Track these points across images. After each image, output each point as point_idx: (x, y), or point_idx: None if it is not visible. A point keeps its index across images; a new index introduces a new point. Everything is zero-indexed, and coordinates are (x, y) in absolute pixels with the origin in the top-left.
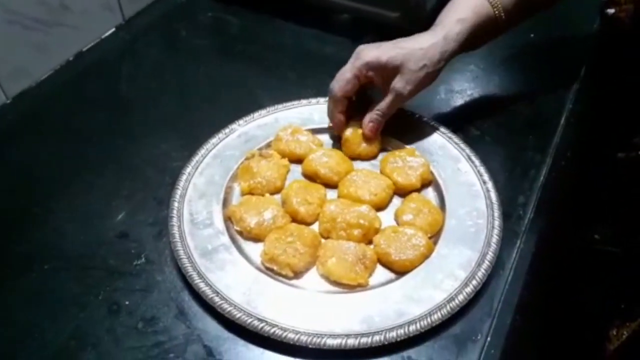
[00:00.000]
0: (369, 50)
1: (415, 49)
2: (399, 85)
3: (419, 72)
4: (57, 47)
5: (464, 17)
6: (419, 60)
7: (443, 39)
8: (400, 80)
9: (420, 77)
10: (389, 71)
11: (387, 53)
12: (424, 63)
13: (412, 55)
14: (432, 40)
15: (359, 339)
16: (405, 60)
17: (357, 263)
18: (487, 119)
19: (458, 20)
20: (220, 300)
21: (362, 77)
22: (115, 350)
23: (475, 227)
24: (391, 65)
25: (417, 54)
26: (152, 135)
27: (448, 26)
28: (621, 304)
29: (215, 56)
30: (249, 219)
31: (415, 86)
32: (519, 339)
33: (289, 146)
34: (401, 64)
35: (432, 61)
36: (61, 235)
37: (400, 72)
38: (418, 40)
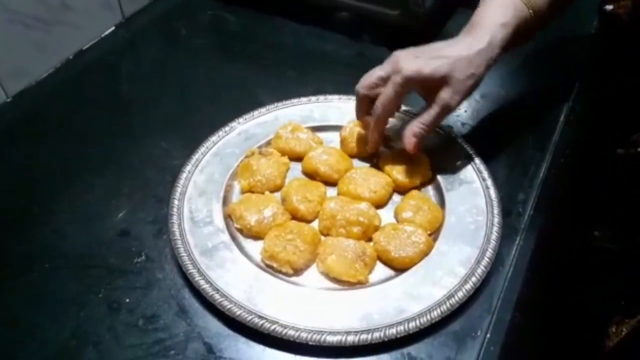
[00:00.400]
0: (408, 62)
1: (462, 57)
2: (447, 96)
3: (467, 81)
4: (57, 45)
5: (506, 22)
6: (466, 69)
7: (488, 45)
8: (448, 91)
9: (468, 86)
10: (433, 83)
11: (429, 64)
12: (472, 72)
13: (458, 64)
14: (478, 46)
15: (358, 335)
16: (451, 70)
17: (356, 260)
18: (487, 117)
19: (502, 24)
20: (221, 297)
21: (403, 92)
22: (116, 348)
23: (475, 224)
24: (436, 76)
25: (463, 62)
26: (151, 133)
27: (492, 31)
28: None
29: (214, 55)
30: (249, 217)
31: (463, 96)
32: (519, 335)
33: (288, 144)
34: (447, 74)
35: (479, 69)
36: (61, 234)
37: (447, 82)
38: (460, 46)
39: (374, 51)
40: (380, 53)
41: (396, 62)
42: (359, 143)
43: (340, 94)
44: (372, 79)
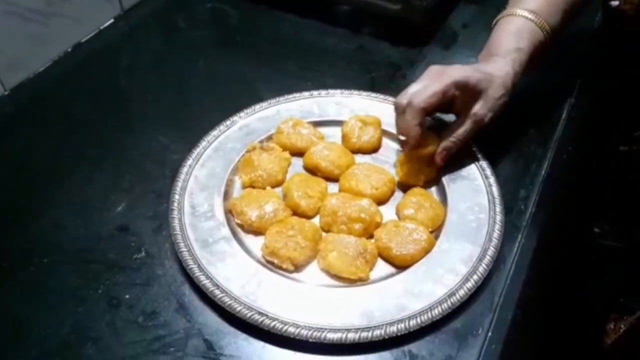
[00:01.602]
0: (452, 69)
1: (497, 77)
2: (482, 112)
3: (499, 100)
4: (55, 38)
5: (522, 48)
6: (500, 88)
7: (512, 69)
8: (483, 106)
9: (499, 104)
10: (472, 94)
11: (475, 75)
12: (503, 92)
13: (494, 82)
14: (507, 69)
15: (359, 333)
16: (489, 87)
17: (357, 257)
18: None
19: (518, 50)
20: (221, 293)
21: (448, 94)
22: (116, 344)
23: (477, 221)
24: (478, 88)
25: (498, 81)
26: (151, 127)
27: (510, 56)
28: (620, 298)
29: (214, 48)
30: (249, 212)
31: (495, 113)
32: (520, 333)
33: (290, 139)
34: (486, 89)
35: (508, 91)
36: (60, 228)
37: (483, 97)
38: (494, 67)
39: (374, 45)
40: (381, 47)
41: (440, 69)
42: (361, 137)
43: (341, 89)
44: (414, 88)
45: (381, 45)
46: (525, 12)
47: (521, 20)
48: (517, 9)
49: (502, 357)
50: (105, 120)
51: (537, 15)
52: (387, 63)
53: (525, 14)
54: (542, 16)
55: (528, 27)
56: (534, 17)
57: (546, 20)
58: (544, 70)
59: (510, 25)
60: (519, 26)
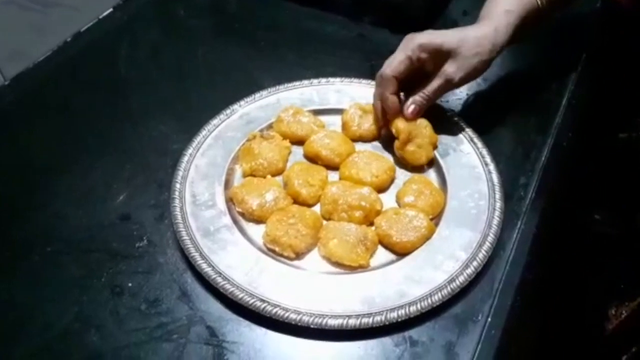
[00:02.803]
0: (421, 34)
1: (469, 37)
2: (450, 70)
3: (472, 59)
4: (54, 27)
5: (510, 9)
6: (473, 48)
7: (494, 30)
8: (452, 65)
9: (472, 64)
10: (442, 54)
11: (441, 36)
12: (477, 51)
13: (466, 41)
14: (484, 30)
15: (360, 319)
16: (459, 46)
17: (358, 244)
18: (489, 101)
19: (506, 11)
20: (223, 280)
21: (414, 58)
22: (119, 332)
23: (477, 208)
24: (446, 48)
25: (471, 41)
26: (151, 117)
27: (497, 18)
28: (620, 284)
29: (213, 36)
30: (250, 201)
31: (466, 73)
32: (520, 319)
33: (290, 127)
34: (455, 48)
35: (484, 50)
36: (62, 218)
37: (453, 56)
38: (469, 29)
39: (375, 33)
40: (380, 35)
41: (412, 34)
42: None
43: (341, 77)
44: (395, 62)
45: (381, 33)
46: None
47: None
48: None
49: (501, 342)
50: (106, 110)
51: None
52: (387, 51)
53: None
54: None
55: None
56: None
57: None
58: (544, 57)
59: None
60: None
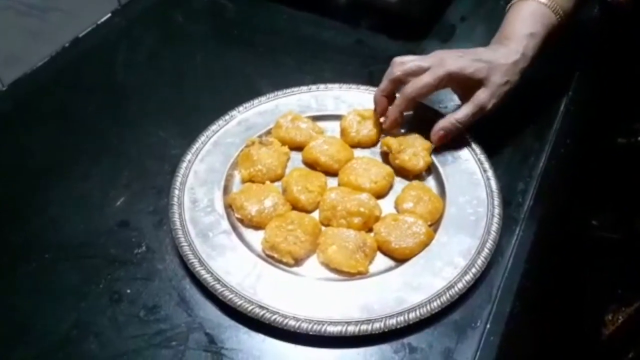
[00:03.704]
0: (452, 58)
1: (500, 65)
2: (484, 98)
3: (504, 86)
4: (52, 33)
5: (534, 32)
6: (503, 76)
7: (522, 56)
8: (485, 92)
9: (504, 91)
10: (471, 83)
11: (472, 65)
12: (507, 79)
13: (496, 69)
14: (513, 57)
15: (359, 326)
16: (490, 74)
17: (357, 251)
18: None
19: (530, 35)
20: (222, 287)
21: (441, 85)
22: (118, 338)
23: (475, 215)
24: (475, 77)
25: (501, 69)
26: (149, 122)
27: (522, 41)
28: (617, 289)
29: (211, 42)
30: (249, 207)
31: (498, 100)
32: (518, 325)
33: (289, 133)
34: (486, 76)
35: (513, 77)
36: (60, 224)
37: (485, 84)
38: (499, 54)
39: (373, 39)
40: (379, 41)
41: (441, 57)
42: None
43: (339, 83)
44: (412, 65)
45: (379, 38)
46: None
47: (535, 4)
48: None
49: (500, 348)
50: (104, 115)
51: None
52: (386, 57)
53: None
54: (556, 0)
55: (541, 11)
56: (547, 1)
57: (560, 3)
58: (542, 63)
59: (523, 9)
60: (532, 10)
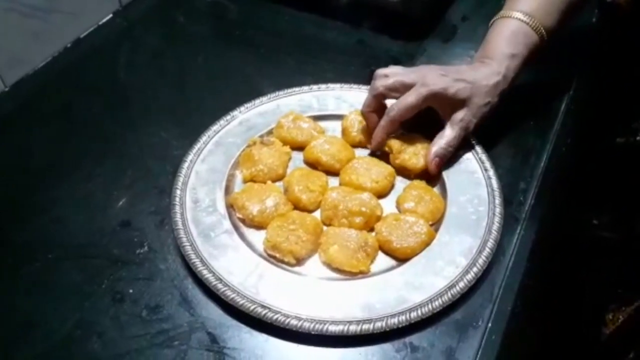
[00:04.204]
0: (435, 78)
1: (481, 86)
2: (466, 118)
3: (484, 107)
4: (54, 34)
5: (516, 53)
6: (485, 97)
7: (503, 77)
8: (467, 112)
9: (485, 112)
10: (454, 102)
11: (454, 85)
12: (488, 100)
13: (478, 90)
14: (494, 78)
15: (360, 325)
16: (472, 95)
17: (358, 250)
18: None
19: (512, 55)
20: (224, 287)
21: (424, 105)
22: (120, 338)
23: (477, 214)
24: (458, 97)
25: (482, 90)
26: (151, 123)
27: (504, 62)
28: (618, 289)
29: (213, 42)
30: (251, 207)
31: (479, 120)
32: (520, 324)
33: (290, 133)
34: (468, 97)
35: (494, 99)
36: (63, 224)
37: (467, 105)
38: (481, 74)
39: (374, 39)
40: (380, 41)
41: (423, 75)
42: (363, 133)
43: (341, 83)
44: (395, 82)
45: (381, 39)
46: (520, 14)
47: (516, 23)
48: (513, 10)
49: (502, 347)
50: (106, 116)
51: (532, 18)
52: (387, 57)
53: (520, 17)
54: (537, 18)
55: (523, 30)
56: (528, 20)
57: (541, 21)
58: (543, 63)
59: (505, 28)
60: (513, 30)
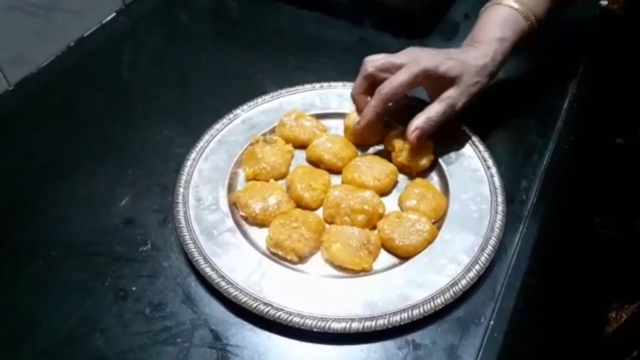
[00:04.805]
0: (426, 56)
1: (471, 65)
2: (454, 96)
3: (473, 87)
4: (58, 32)
5: (505, 37)
6: (474, 76)
7: (491, 60)
8: (456, 91)
9: (473, 91)
10: (444, 81)
11: (446, 63)
12: (478, 79)
13: (468, 69)
14: (483, 60)
15: (363, 322)
16: (463, 73)
17: (361, 248)
18: (491, 104)
19: (501, 39)
20: (226, 284)
21: (417, 82)
22: (123, 335)
23: (479, 212)
24: (449, 75)
25: (472, 69)
26: (154, 121)
27: (492, 45)
28: (620, 287)
29: (215, 41)
30: (253, 205)
31: (468, 99)
32: (522, 322)
33: (293, 132)
34: (458, 75)
35: (483, 79)
36: (66, 222)
37: (456, 83)
38: (470, 55)
39: (376, 37)
40: (382, 39)
41: (415, 54)
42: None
43: (343, 81)
44: (384, 62)
45: (383, 37)
46: (511, 1)
47: (506, 9)
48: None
49: (504, 345)
50: (109, 114)
51: (522, 5)
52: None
53: (511, 3)
54: (527, 5)
55: (513, 16)
56: (519, 7)
57: (532, 9)
58: (545, 59)
59: (495, 14)
60: (504, 16)
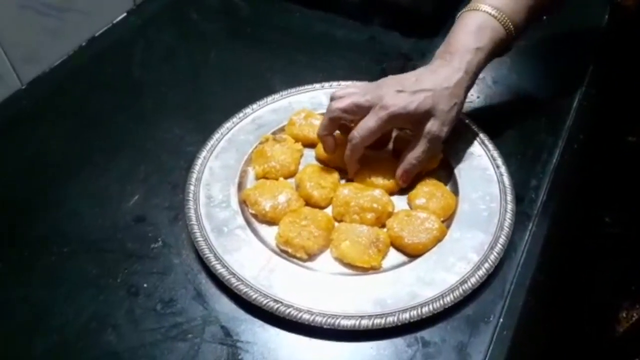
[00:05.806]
0: (392, 98)
1: (443, 89)
2: (434, 129)
3: (451, 111)
4: (69, 32)
5: (481, 46)
6: (449, 101)
7: (465, 73)
8: (434, 124)
9: (452, 116)
10: (418, 116)
11: (413, 100)
12: (454, 102)
13: (441, 96)
14: (456, 76)
15: (372, 320)
16: (435, 103)
17: (370, 246)
18: (500, 103)
19: (477, 49)
20: (237, 281)
21: (386, 127)
22: (135, 331)
23: (488, 211)
24: (421, 111)
25: (445, 94)
26: (165, 119)
27: (467, 57)
28: (631, 286)
29: (225, 39)
30: (263, 203)
31: (450, 126)
32: (531, 320)
33: (302, 130)
34: (431, 107)
35: (459, 98)
36: (78, 219)
37: (432, 115)
38: (440, 76)
39: (385, 35)
40: (391, 38)
41: (380, 97)
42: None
43: (352, 80)
44: (349, 104)
45: (392, 36)
46: (489, 7)
47: (483, 16)
48: (481, 3)
49: (513, 343)
50: (120, 113)
51: (500, 12)
52: (398, 54)
53: (488, 10)
54: (505, 12)
55: (490, 23)
56: (496, 13)
57: (510, 16)
58: (554, 58)
59: (471, 21)
60: (480, 23)
